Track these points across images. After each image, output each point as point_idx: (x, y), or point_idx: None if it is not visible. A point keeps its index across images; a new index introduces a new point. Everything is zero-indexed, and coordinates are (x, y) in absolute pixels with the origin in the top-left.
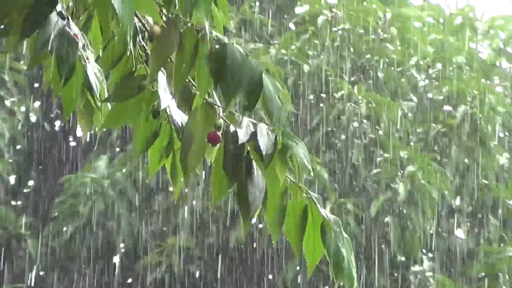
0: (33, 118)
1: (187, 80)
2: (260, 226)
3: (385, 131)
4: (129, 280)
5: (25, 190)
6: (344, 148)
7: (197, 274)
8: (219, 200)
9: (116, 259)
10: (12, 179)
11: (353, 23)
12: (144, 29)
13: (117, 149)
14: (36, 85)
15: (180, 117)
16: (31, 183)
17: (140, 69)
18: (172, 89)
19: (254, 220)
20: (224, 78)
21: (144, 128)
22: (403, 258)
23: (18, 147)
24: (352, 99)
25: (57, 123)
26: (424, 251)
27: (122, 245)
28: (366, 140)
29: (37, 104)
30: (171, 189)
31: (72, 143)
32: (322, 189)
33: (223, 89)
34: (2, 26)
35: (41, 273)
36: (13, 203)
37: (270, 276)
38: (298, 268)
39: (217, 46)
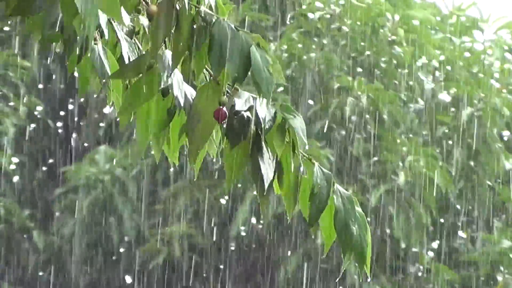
0: (37, 114)
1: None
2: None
3: (386, 124)
4: (129, 275)
5: (29, 186)
6: (345, 142)
7: (198, 266)
8: (232, 181)
9: (117, 253)
10: (16, 175)
11: (357, 21)
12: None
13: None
14: (40, 82)
15: (189, 94)
16: (35, 178)
17: None
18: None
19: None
20: (212, 50)
21: (158, 108)
22: (404, 247)
23: (22, 143)
24: (353, 94)
25: (59, 121)
26: (425, 243)
27: (126, 238)
28: (366, 133)
29: (41, 101)
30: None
31: (74, 142)
32: None
33: (211, 61)
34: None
35: (43, 266)
36: (17, 198)
37: (270, 271)
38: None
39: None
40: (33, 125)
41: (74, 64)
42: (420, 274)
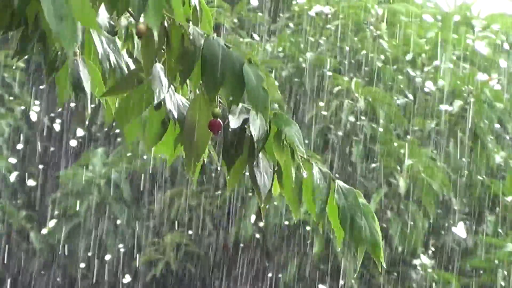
0: (33, 115)
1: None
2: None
3: (383, 126)
4: (128, 279)
5: (25, 187)
6: (342, 144)
7: (196, 272)
8: (233, 184)
9: (112, 258)
10: (12, 176)
11: (346, 18)
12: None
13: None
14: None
15: (181, 104)
16: (32, 180)
17: None
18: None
19: (254, 217)
20: (205, 73)
21: (153, 120)
22: (404, 253)
23: (18, 143)
24: (350, 95)
25: (58, 121)
26: (424, 247)
27: (121, 245)
28: (363, 135)
29: (37, 101)
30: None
31: (72, 141)
32: None
33: (205, 84)
34: None
35: (41, 271)
36: (14, 199)
37: (270, 275)
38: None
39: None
40: (28, 126)
41: (51, 73)
42: (420, 279)
